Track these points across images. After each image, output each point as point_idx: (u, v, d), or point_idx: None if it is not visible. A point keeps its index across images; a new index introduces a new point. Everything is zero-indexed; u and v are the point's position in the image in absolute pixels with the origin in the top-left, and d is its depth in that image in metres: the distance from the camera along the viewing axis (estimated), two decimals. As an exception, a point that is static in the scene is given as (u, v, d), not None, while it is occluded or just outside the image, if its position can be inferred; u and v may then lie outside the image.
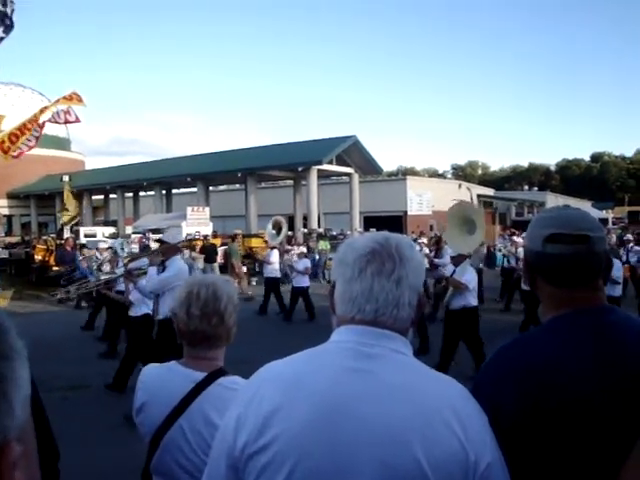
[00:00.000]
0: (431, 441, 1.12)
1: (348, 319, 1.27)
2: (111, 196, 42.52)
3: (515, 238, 20.34)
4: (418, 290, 1.30)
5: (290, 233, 26.41)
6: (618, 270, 9.49)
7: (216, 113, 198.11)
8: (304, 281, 13.59)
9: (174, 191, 40.44)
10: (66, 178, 21.64)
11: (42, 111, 15.96)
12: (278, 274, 14.71)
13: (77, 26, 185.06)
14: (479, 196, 42.25)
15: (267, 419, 1.17)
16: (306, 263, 14.09)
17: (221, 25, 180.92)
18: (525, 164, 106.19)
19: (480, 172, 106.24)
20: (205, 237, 22.04)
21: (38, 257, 21.22)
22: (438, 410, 1.15)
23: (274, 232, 16.73)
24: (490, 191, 51.85)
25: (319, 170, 29.51)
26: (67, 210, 21.20)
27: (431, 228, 34.84)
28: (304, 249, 16.90)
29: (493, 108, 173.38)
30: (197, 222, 24.97)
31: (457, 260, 8.19)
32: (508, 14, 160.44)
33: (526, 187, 63.35)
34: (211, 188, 37.25)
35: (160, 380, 1.98)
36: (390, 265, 1.26)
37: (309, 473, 1.13)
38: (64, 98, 15.86)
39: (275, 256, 14.71)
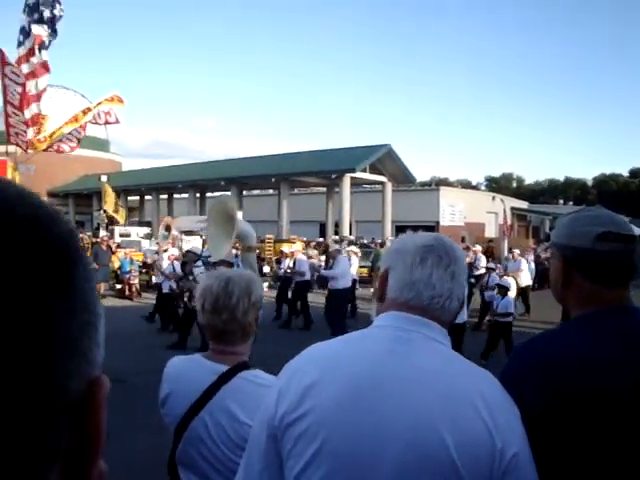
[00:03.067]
0: (459, 426, 1.16)
1: (400, 303, 1.33)
2: (146, 197, 43.20)
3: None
4: (465, 288, 1.39)
5: (321, 240, 26.55)
6: None
7: (251, 119, 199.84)
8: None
9: (208, 194, 40.90)
10: (104, 178, 22.08)
11: (84, 112, 16.36)
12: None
13: (119, 29, 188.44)
14: (513, 209, 41.80)
15: (305, 391, 1.24)
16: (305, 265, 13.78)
17: (258, 34, 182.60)
18: (561, 178, 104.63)
19: (514, 185, 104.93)
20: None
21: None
22: (468, 397, 1.19)
23: (166, 233, 16.59)
24: (524, 204, 51.30)
25: (352, 178, 29.56)
26: (117, 211, 21.58)
27: (463, 240, 34.53)
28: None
29: (529, 120, 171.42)
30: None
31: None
32: (548, 27, 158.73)
33: (561, 201, 62.36)
34: (244, 192, 37.58)
35: (184, 372, 2.00)
36: (447, 260, 1.34)
37: (338, 446, 1.19)
38: (105, 100, 16.25)
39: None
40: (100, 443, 0.44)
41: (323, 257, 17.19)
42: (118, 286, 18.42)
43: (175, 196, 42.31)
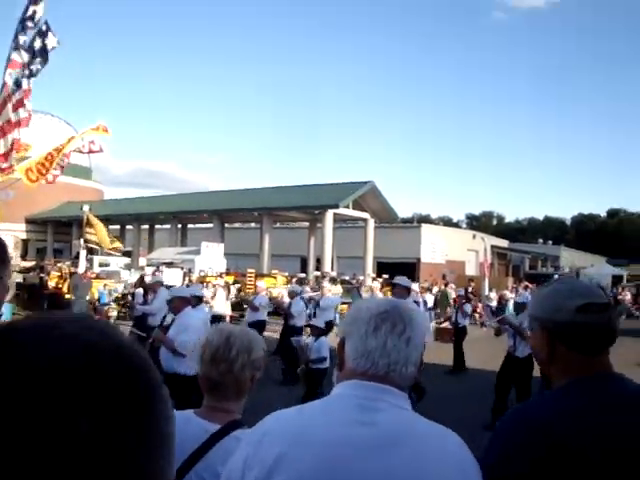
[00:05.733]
0: None
1: (359, 373, 1.34)
2: (127, 227, 42.92)
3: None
4: (421, 351, 1.40)
5: (303, 275, 26.45)
6: None
7: (235, 152, 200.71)
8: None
9: (190, 226, 40.75)
10: (86, 208, 21.84)
11: (69, 141, 16.33)
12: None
13: (108, 60, 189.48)
14: (493, 247, 42.21)
15: (274, 464, 1.22)
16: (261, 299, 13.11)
17: (242, 71, 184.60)
18: (541, 217, 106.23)
19: (495, 223, 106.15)
20: (220, 275, 22.06)
21: (51, 284, 21.33)
22: (438, 461, 1.22)
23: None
24: (504, 242, 51.80)
25: (335, 214, 29.68)
26: (113, 241, 21.32)
27: (444, 277, 34.68)
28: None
29: (510, 159, 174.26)
30: (211, 258, 25.10)
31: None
32: (528, 68, 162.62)
33: (541, 240, 63.06)
34: (226, 225, 37.52)
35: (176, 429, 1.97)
36: (401, 326, 1.36)
37: None
38: (91, 129, 16.24)
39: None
40: None
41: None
42: (95, 318, 18.11)
43: (157, 226, 42.07)
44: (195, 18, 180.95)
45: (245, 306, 15.68)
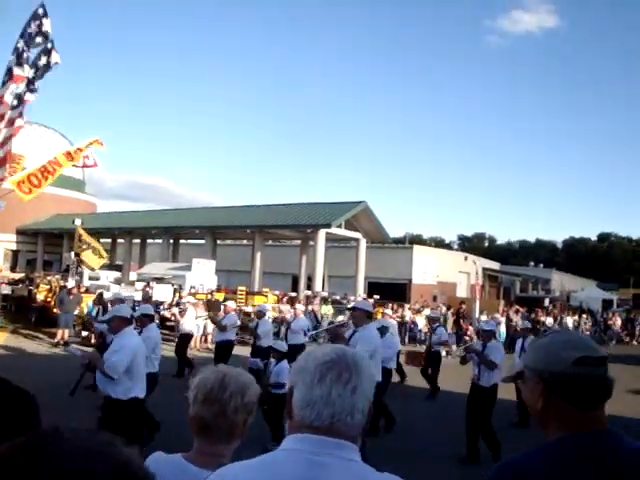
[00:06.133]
0: None
1: (305, 425, 1.34)
2: (119, 240, 42.80)
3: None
4: (370, 399, 1.39)
5: (294, 294, 26.43)
6: None
7: (229, 169, 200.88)
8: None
9: (182, 241, 40.66)
10: (78, 222, 21.80)
11: (66, 157, 16.33)
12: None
13: (103, 72, 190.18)
14: (485, 269, 42.30)
15: None
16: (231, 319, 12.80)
17: (238, 86, 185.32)
18: (532, 239, 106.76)
19: (486, 244, 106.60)
20: (211, 292, 21.99)
21: (40, 297, 21.19)
22: None
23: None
24: (496, 265, 51.91)
25: (327, 233, 29.71)
26: (100, 256, 21.23)
27: (434, 299, 34.71)
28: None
29: (502, 182, 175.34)
30: (202, 274, 25.04)
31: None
32: (520, 91, 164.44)
33: (532, 263, 63.32)
34: (219, 241, 37.49)
35: (164, 476, 1.91)
36: (347, 374, 1.35)
37: None
38: (88, 144, 16.28)
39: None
40: None
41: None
42: (84, 333, 17.96)
43: (148, 241, 41.97)
44: (195, 31, 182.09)
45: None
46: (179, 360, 13.25)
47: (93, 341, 17.21)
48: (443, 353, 13.48)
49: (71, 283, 20.17)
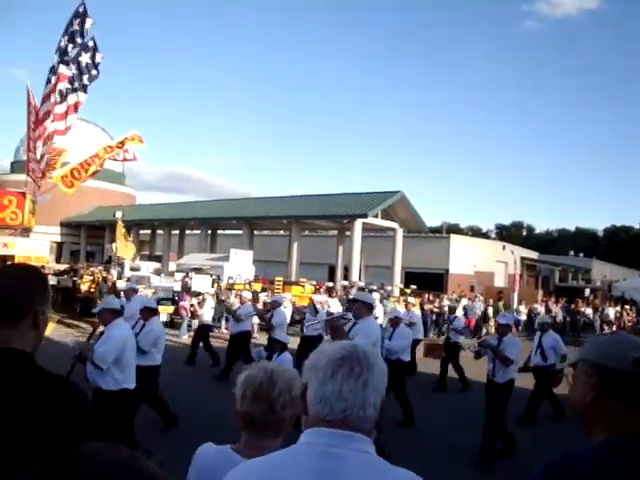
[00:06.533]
0: None
1: (319, 419, 1.40)
2: (158, 232, 43.55)
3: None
4: (382, 393, 1.44)
5: (331, 284, 26.55)
6: None
7: (266, 160, 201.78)
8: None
9: (219, 231, 41.14)
10: (119, 214, 22.34)
11: (106, 151, 16.78)
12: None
13: (142, 67, 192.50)
14: (523, 259, 41.72)
15: None
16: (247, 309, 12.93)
17: (275, 77, 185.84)
18: (572, 228, 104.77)
19: (524, 233, 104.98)
20: (249, 282, 22.21)
21: (84, 288, 21.74)
22: None
23: None
24: (534, 254, 51.12)
25: (364, 223, 29.75)
26: (128, 246, 21.77)
27: (472, 289, 34.45)
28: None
29: (541, 168, 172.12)
30: (240, 265, 25.33)
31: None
32: (557, 77, 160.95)
33: (571, 252, 62.03)
34: (255, 232, 37.82)
35: (215, 468, 1.97)
36: (358, 369, 1.40)
37: None
38: (126, 138, 16.68)
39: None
40: None
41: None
42: (127, 323, 18.43)
43: (187, 232, 42.62)
44: (237, 24, 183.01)
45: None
46: (192, 349, 13.37)
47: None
48: (460, 339, 13.08)
49: (113, 274, 20.67)
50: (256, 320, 15.81)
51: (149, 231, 44.40)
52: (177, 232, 42.13)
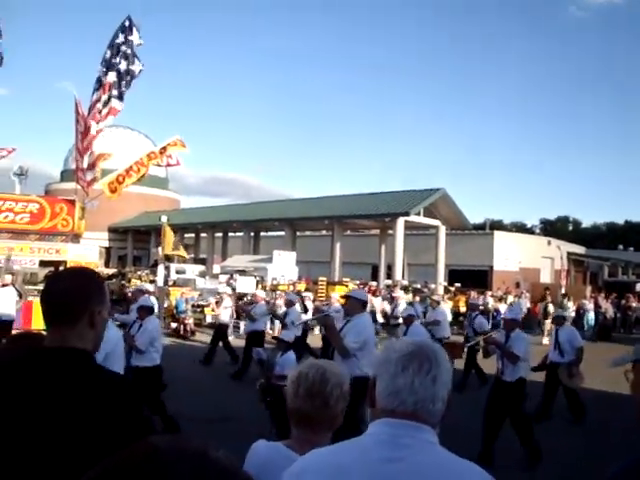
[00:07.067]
0: None
1: (389, 411, 1.45)
2: (202, 235, 44.24)
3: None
4: (449, 388, 1.50)
5: (374, 283, 26.55)
6: None
7: (305, 161, 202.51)
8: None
9: (262, 233, 41.54)
10: (164, 218, 22.74)
11: (149, 157, 17.17)
12: None
13: (182, 70, 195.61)
14: (569, 254, 40.92)
15: None
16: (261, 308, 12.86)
17: (313, 77, 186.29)
18: (621, 221, 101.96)
19: (571, 228, 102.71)
20: (293, 283, 22.36)
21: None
22: None
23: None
24: (581, 249, 50.02)
25: (406, 221, 29.62)
26: (178, 249, 22.16)
27: (517, 285, 33.93)
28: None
29: (587, 161, 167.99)
30: (283, 266, 25.53)
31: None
32: (605, 65, 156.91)
33: (621, 246, 60.35)
34: (298, 233, 38.06)
35: (270, 463, 2.01)
36: (427, 365, 1.46)
37: None
38: (169, 144, 17.03)
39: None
40: None
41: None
42: (173, 325, 18.82)
43: (230, 234, 43.15)
44: (276, 25, 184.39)
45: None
46: (211, 348, 13.37)
47: (182, 332, 18.10)
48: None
49: (160, 277, 21.11)
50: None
51: (193, 234, 45.15)
52: (220, 235, 42.71)
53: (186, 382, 10.14)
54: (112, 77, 14.26)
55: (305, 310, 15.19)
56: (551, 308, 22.59)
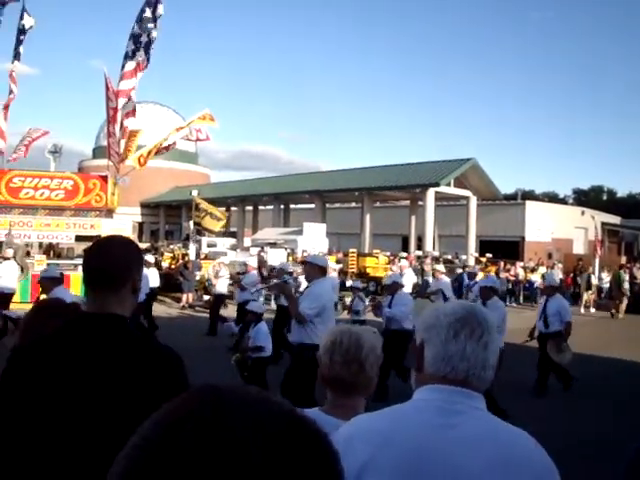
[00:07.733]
0: None
1: (439, 377, 1.42)
2: (232, 208, 44.55)
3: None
4: (497, 354, 1.48)
5: (405, 254, 26.48)
6: None
7: (334, 133, 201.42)
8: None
9: (292, 206, 41.66)
10: (195, 192, 22.95)
11: (177, 130, 17.31)
12: None
13: (210, 45, 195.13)
14: (604, 224, 40.16)
15: (363, 465, 1.32)
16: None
17: (341, 50, 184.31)
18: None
19: (605, 198, 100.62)
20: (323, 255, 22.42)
21: (165, 264, 22.63)
22: (518, 463, 1.30)
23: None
24: (616, 219, 49.05)
25: (436, 192, 29.38)
26: (218, 219, 22.32)
27: (549, 256, 33.52)
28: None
29: (620, 128, 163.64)
30: (313, 238, 25.60)
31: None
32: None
33: (657, 216, 58.99)
34: (328, 205, 38.04)
35: None
36: (479, 331, 1.43)
37: None
38: (198, 118, 17.11)
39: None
40: None
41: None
42: (206, 297, 19.09)
43: (260, 207, 43.34)
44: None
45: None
46: (211, 320, 13.37)
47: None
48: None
49: (192, 250, 21.37)
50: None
51: (223, 208, 45.37)
52: (250, 208, 42.91)
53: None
54: (140, 49, 14.32)
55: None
56: (594, 279, 22.32)
